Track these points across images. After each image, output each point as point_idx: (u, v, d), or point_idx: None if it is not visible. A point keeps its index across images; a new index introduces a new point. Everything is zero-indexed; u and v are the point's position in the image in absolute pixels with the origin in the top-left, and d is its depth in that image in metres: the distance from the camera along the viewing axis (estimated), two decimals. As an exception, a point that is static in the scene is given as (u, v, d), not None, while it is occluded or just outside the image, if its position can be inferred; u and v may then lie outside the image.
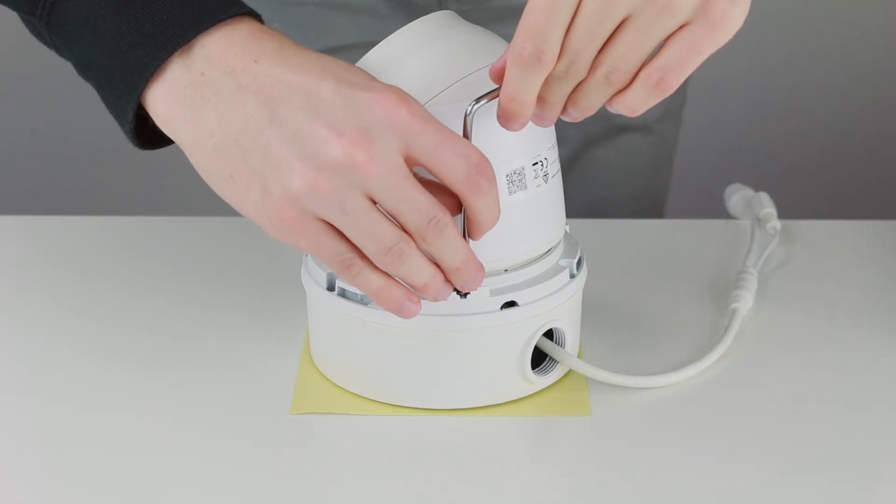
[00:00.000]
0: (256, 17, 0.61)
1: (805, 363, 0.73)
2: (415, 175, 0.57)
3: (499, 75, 0.59)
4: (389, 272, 0.59)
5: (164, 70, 0.59)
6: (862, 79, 1.91)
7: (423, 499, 0.62)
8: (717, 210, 0.95)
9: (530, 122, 0.59)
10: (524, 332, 0.67)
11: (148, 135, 0.62)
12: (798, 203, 1.75)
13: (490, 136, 0.61)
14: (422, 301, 0.63)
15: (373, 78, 0.58)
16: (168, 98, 0.58)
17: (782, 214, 0.88)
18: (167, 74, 0.58)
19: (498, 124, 0.60)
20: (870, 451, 0.65)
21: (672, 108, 1.05)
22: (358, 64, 0.63)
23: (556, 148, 0.67)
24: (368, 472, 0.63)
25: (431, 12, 0.64)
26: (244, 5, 0.61)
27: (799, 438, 0.66)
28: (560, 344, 0.69)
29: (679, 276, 0.83)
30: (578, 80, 0.57)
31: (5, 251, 0.87)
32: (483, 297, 0.65)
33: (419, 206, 0.57)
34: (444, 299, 0.61)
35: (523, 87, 0.57)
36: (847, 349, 0.74)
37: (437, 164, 0.57)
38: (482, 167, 0.57)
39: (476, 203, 0.58)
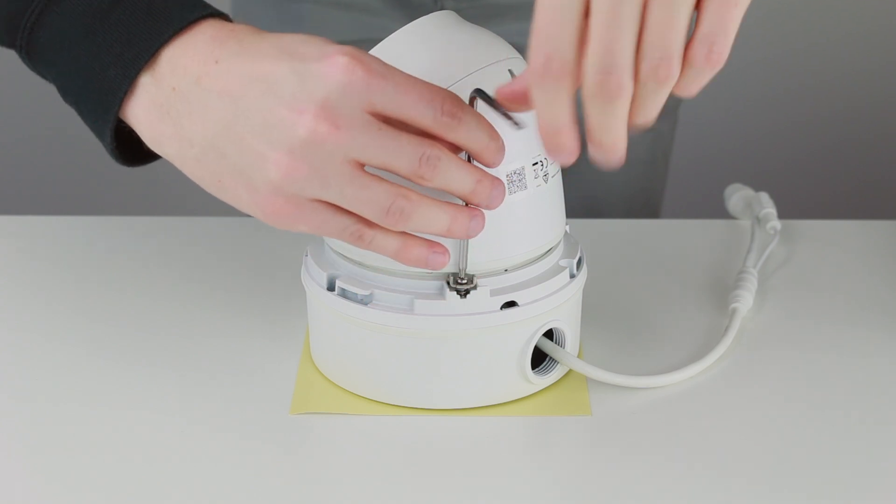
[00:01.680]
0: (221, 16, 0.61)
1: (805, 363, 0.73)
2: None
3: (506, 97, 0.57)
4: (400, 230, 0.58)
5: (137, 88, 0.59)
6: (862, 78, 1.91)
7: (423, 499, 0.62)
8: (717, 210, 0.95)
9: (546, 150, 0.55)
10: (524, 332, 0.67)
11: (136, 152, 0.63)
12: (798, 203, 1.76)
13: (490, 136, 0.61)
14: (422, 301, 0.63)
15: (328, 43, 0.57)
16: (149, 117, 0.59)
17: (782, 214, 0.88)
18: (140, 91, 0.59)
19: (498, 124, 0.60)
20: (870, 451, 0.65)
21: (668, 106, 1.05)
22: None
23: (556, 148, 0.67)
24: (368, 472, 0.63)
25: (426, 9, 0.64)
26: (206, 6, 0.60)
27: (799, 438, 0.66)
28: (560, 344, 0.69)
29: (679, 276, 0.83)
30: (623, 96, 0.51)
31: (5, 251, 0.87)
32: (483, 297, 0.65)
33: (402, 149, 0.56)
34: (497, 205, 0.60)
35: (549, 109, 0.52)
36: (847, 349, 0.75)
37: (402, 114, 0.56)
38: (447, 105, 0.57)
39: (456, 138, 0.58)
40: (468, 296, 0.64)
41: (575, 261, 0.69)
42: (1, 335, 0.76)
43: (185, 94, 0.57)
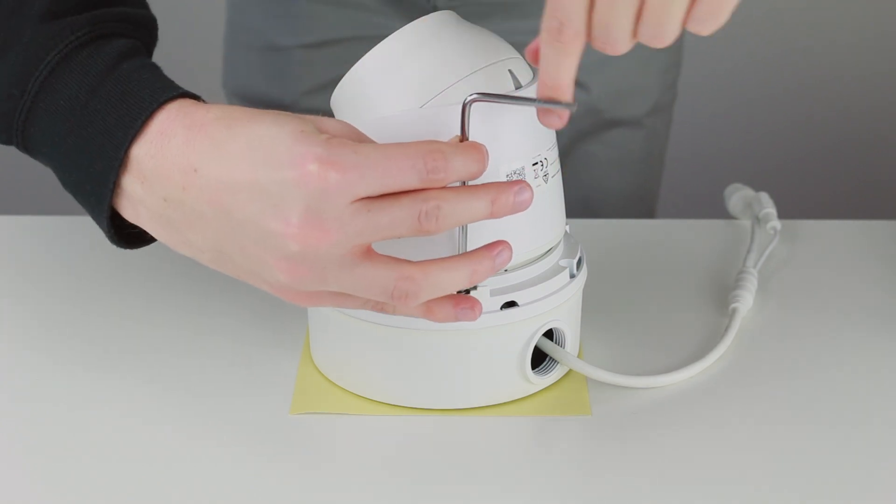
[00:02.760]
0: (180, 96, 0.61)
1: (805, 363, 0.73)
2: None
3: (533, 56, 0.58)
4: (409, 308, 0.59)
5: (123, 187, 0.60)
6: (863, 78, 1.91)
7: (423, 499, 0.62)
8: (717, 210, 0.95)
9: (537, 113, 0.58)
10: (524, 332, 0.67)
11: (137, 235, 0.63)
12: (798, 203, 1.75)
13: (490, 136, 0.61)
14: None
15: (297, 139, 0.56)
16: (154, 227, 0.61)
17: (782, 214, 0.88)
18: (129, 191, 0.60)
19: (497, 124, 0.60)
20: (870, 451, 0.65)
21: (662, 104, 1.05)
22: (357, 66, 0.64)
23: (556, 148, 0.67)
24: (368, 472, 0.63)
25: (420, 7, 0.64)
26: (162, 90, 0.60)
27: (799, 438, 0.66)
28: (560, 344, 0.69)
29: (679, 276, 0.83)
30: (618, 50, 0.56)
31: (5, 251, 0.87)
32: (483, 297, 0.64)
33: (397, 218, 0.56)
34: (528, 205, 0.59)
35: (555, 66, 0.56)
36: (847, 349, 0.74)
37: (389, 190, 0.56)
38: (430, 162, 0.56)
39: (449, 182, 0.57)
40: (469, 294, 0.64)
41: (575, 261, 0.69)
42: (1, 335, 0.76)
43: (178, 205, 0.58)
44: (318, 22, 0.97)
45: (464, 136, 0.60)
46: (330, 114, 0.67)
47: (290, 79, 1.01)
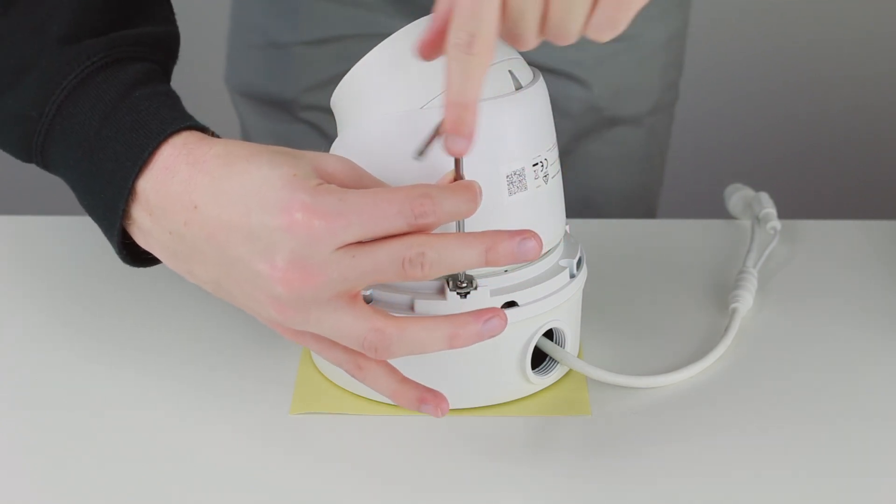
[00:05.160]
0: (186, 128, 0.62)
1: (805, 363, 0.73)
2: None
3: (424, 52, 0.58)
4: (376, 371, 0.60)
5: (132, 217, 0.62)
6: (863, 79, 1.91)
7: (423, 499, 0.62)
8: (717, 210, 0.95)
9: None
10: (524, 332, 0.67)
11: (151, 256, 0.65)
12: (798, 203, 1.75)
13: (490, 136, 0.61)
14: (422, 301, 0.63)
15: (286, 183, 0.57)
16: (164, 256, 0.62)
17: (782, 214, 0.88)
18: (140, 221, 0.62)
19: (497, 125, 0.60)
20: (870, 451, 0.65)
21: (663, 103, 1.05)
22: (358, 65, 0.64)
23: (556, 148, 0.67)
24: (368, 472, 0.63)
25: (420, 5, 0.64)
26: (170, 121, 0.62)
27: (799, 438, 0.66)
28: (560, 344, 0.69)
29: (679, 276, 0.83)
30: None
31: (5, 251, 0.87)
32: (483, 297, 0.64)
33: (381, 265, 0.56)
34: (535, 255, 0.57)
35: (463, 82, 0.55)
36: (847, 349, 0.74)
37: (376, 236, 0.56)
38: (416, 207, 0.56)
39: (439, 224, 0.57)
40: (468, 296, 0.64)
41: (575, 261, 0.69)
42: (1, 335, 0.76)
43: (180, 239, 0.60)
44: (319, 19, 0.98)
45: (458, 175, 0.59)
46: (330, 110, 0.67)
47: (292, 75, 1.01)
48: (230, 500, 0.61)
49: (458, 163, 0.59)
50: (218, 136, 0.63)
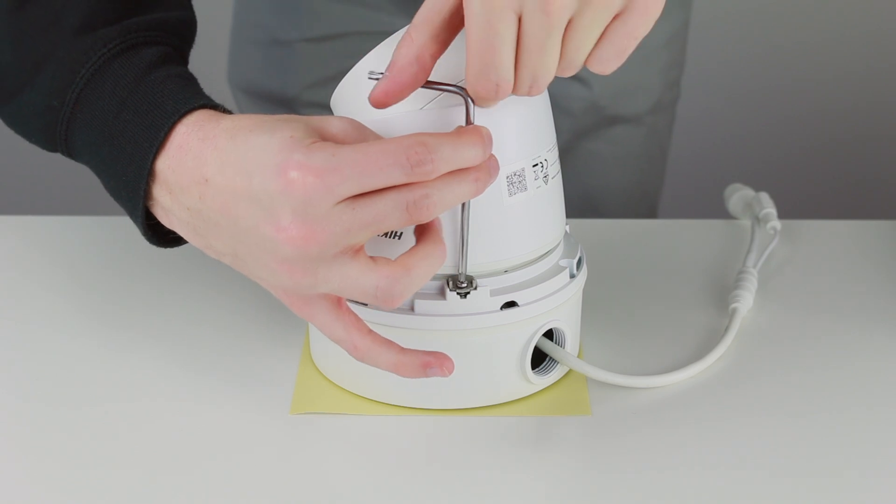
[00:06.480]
0: (200, 107, 0.62)
1: (805, 363, 0.73)
2: None
3: (378, 102, 0.59)
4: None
5: (154, 197, 0.63)
6: (864, 79, 1.91)
7: (423, 499, 0.62)
8: (717, 209, 0.95)
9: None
10: (524, 332, 0.67)
11: (176, 236, 0.66)
12: (798, 203, 1.76)
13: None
14: (423, 301, 0.63)
15: (283, 147, 0.57)
16: (186, 234, 0.63)
17: (782, 214, 0.88)
18: (161, 200, 0.63)
19: (497, 125, 0.60)
20: (870, 451, 0.65)
21: (664, 102, 1.05)
22: (359, 64, 0.64)
23: (556, 149, 0.67)
24: (368, 472, 0.64)
25: (420, 3, 0.64)
26: (184, 101, 0.62)
27: (799, 438, 0.66)
28: (560, 344, 0.69)
29: (679, 276, 0.83)
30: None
31: (5, 251, 0.87)
32: (483, 297, 0.65)
33: (384, 213, 0.57)
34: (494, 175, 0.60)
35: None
36: (847, 349, 0.75)
37: (372, 188, 0.57)
38: (413, 156, 0.56)
39: (439, 173, 0.57)
40: (468, 296, 0.64)
41: (575, 261, 0.69)
42: (1, 335, 0.76)
43: (198, 214, 0.61)
44: (322, 17, 0.98)
45: (468, 122, 0.60)
46: (331, 108, 0.67)
47: (294, 73, 1.01)
48: (230, 500, 0.61)
49: (468, 112, 0.60)
50: (230, 113, 0.63)
